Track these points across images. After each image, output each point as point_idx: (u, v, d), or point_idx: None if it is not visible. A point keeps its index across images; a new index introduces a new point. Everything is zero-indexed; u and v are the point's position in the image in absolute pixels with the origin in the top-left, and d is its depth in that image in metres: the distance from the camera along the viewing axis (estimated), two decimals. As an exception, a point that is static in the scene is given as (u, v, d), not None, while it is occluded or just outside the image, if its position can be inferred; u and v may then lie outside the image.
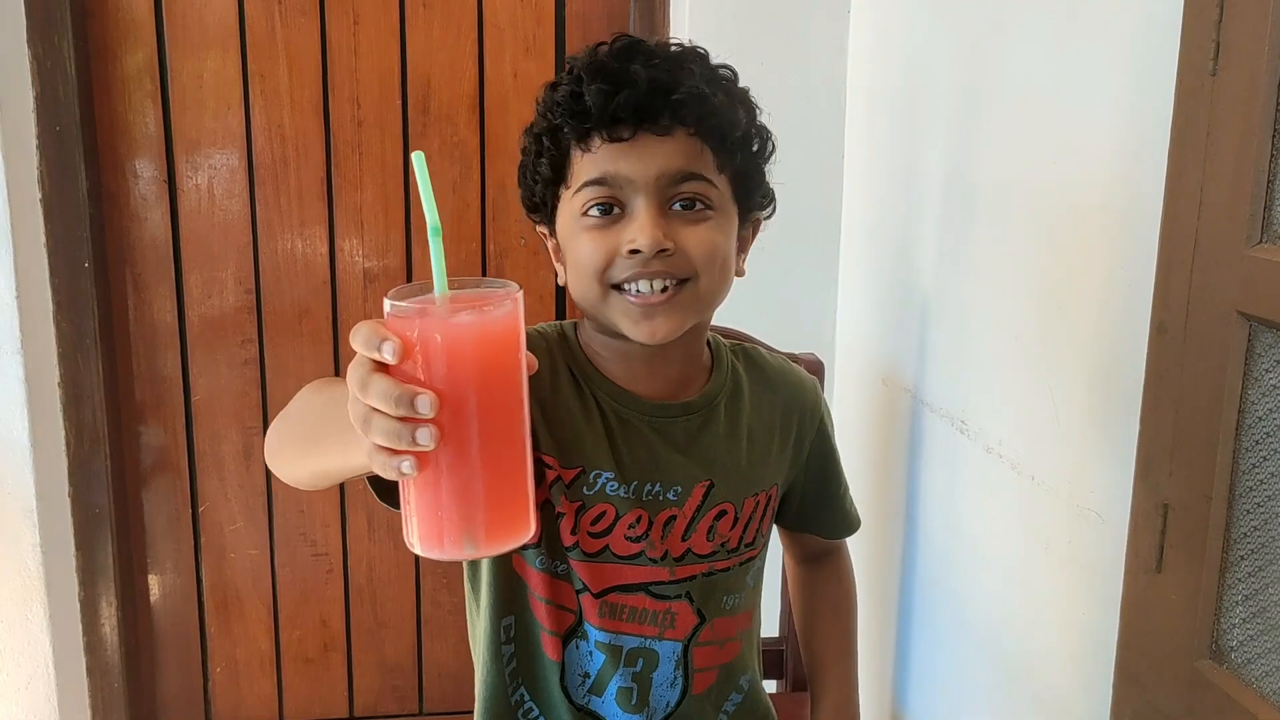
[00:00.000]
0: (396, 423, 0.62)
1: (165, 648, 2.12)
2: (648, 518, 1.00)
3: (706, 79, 0.95)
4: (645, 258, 0.91)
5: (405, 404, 0.61)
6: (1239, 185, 0.85)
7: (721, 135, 0.95)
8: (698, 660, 1.05)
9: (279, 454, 0.89)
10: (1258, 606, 0.87)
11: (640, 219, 0.92)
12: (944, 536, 1.51)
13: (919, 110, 1.57)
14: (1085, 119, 1.12)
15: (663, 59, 0.94)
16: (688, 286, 0.94)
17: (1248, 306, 0.85)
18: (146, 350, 2.01)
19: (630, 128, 0.92)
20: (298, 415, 0.88)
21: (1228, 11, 0.86)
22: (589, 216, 0.94)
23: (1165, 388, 0.94)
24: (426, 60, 1.96)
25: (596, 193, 0.93)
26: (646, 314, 0.93)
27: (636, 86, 0.91)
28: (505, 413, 0.66)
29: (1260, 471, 0.86)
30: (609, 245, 0.93)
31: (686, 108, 0.92)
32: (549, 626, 1.03)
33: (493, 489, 0.67)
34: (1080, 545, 1.15)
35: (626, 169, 0.92)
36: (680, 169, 0.93)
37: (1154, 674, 0.97)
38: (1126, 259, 1.05)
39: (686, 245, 0.93)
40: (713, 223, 0.95)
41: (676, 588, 1.03)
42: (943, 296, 1.49)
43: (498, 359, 0.65)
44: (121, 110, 1.92)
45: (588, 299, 0.96)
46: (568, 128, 0.94)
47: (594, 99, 0.91)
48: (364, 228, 2.01)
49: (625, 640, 1.03)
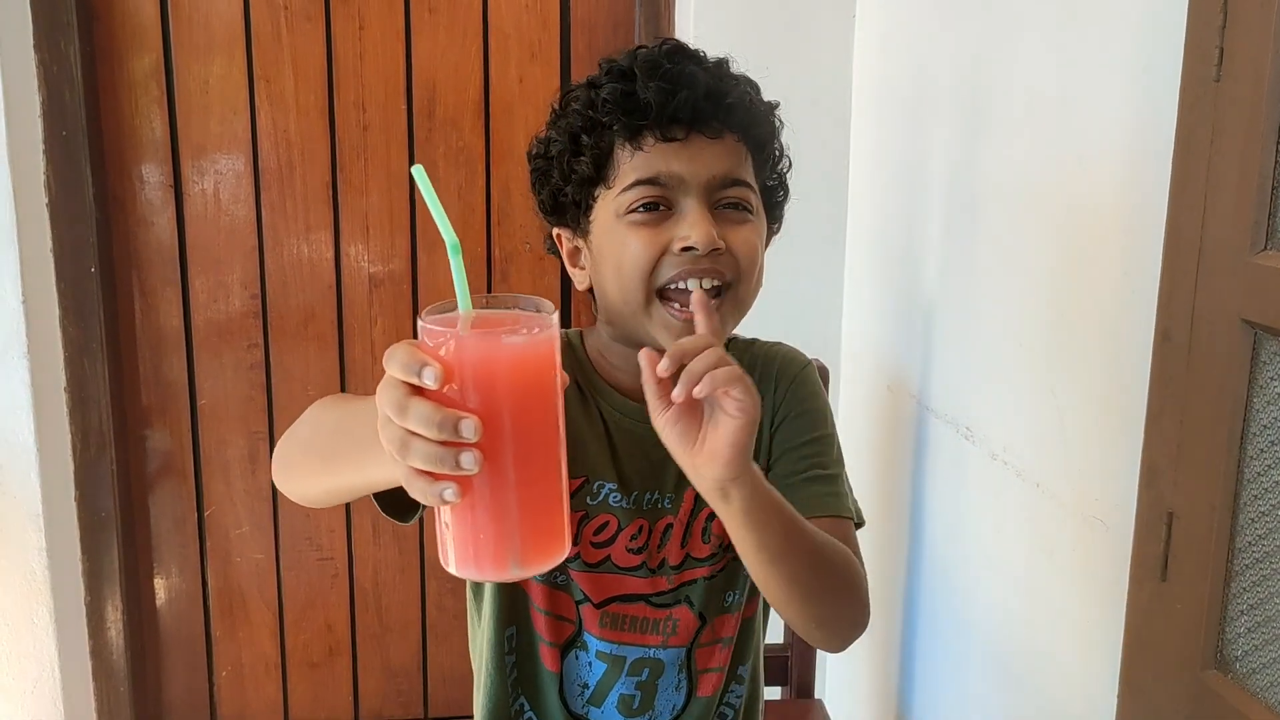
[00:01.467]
0: (438, 447, 0.61)
1: (170, 651, 2.12)
2: (648, 527, 1.00)
3: (750, 87, 0.96)
4: (697, 255, 0.90)
5: (449, 429, 0.60)
6: (1243, 191, 0.84)
7: (761, 144, 0.96)
8: (700, 662, 1.05)
9: (289, 472, 0.88)
10: (1263, 616, 0.87)
11: (692, 216, 0.90)
12: (949, 542, 1.50)
13: (924, 117, 1.57)
14: (1090, 125, 1.12)
15: (713, 65, 0.94)
16: (728, 293, 0.93)
17: (1252, 314, 0.84)
18: (152, 354, 2.01)
19: (685, 128, 0.91)
20: (309, 433, 0.87)
21: (1231, 17, 0.85)
22: (635, 213, 0.92)
23: (1170, 396, 0.93)
24: (432, 65, 1.97)
25: (647, 191, 0.92)
26: (687, 329, 0.90)
27: (695, 88, 0.90)
28: (544, 434, 0.65)
29: (1265, 480, 0.86)
30: (659, 242, 0.91)
31: (736, 113, 0.93)
32: (548, 637, 1.03)
33: (533, 510, 0.66)
34: (1085, 553, 1.14)
35: (679, 168, 0.91)
36: (729, 173, 0.93)
37: (1159, 684, 0.96)
38: (1131, 266, 1.04)
39: (734, 246, 0.92)
40: (753, 226, 0.95)
41: (675, 595, 1.02)
42: (948, 303, 1.48)
43: (538, 382, 0.65)
44: (127, 115, 1.92)
45: (627, 304, 0.93)
46: (618, 125, 0.92)
47: (653, 96, 0.90)
48: (369, 232, 2.01)
49: (629, 651, 1.02)
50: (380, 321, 2.04)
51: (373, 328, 2.05)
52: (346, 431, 0.78)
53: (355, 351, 2.05)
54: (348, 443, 0.76)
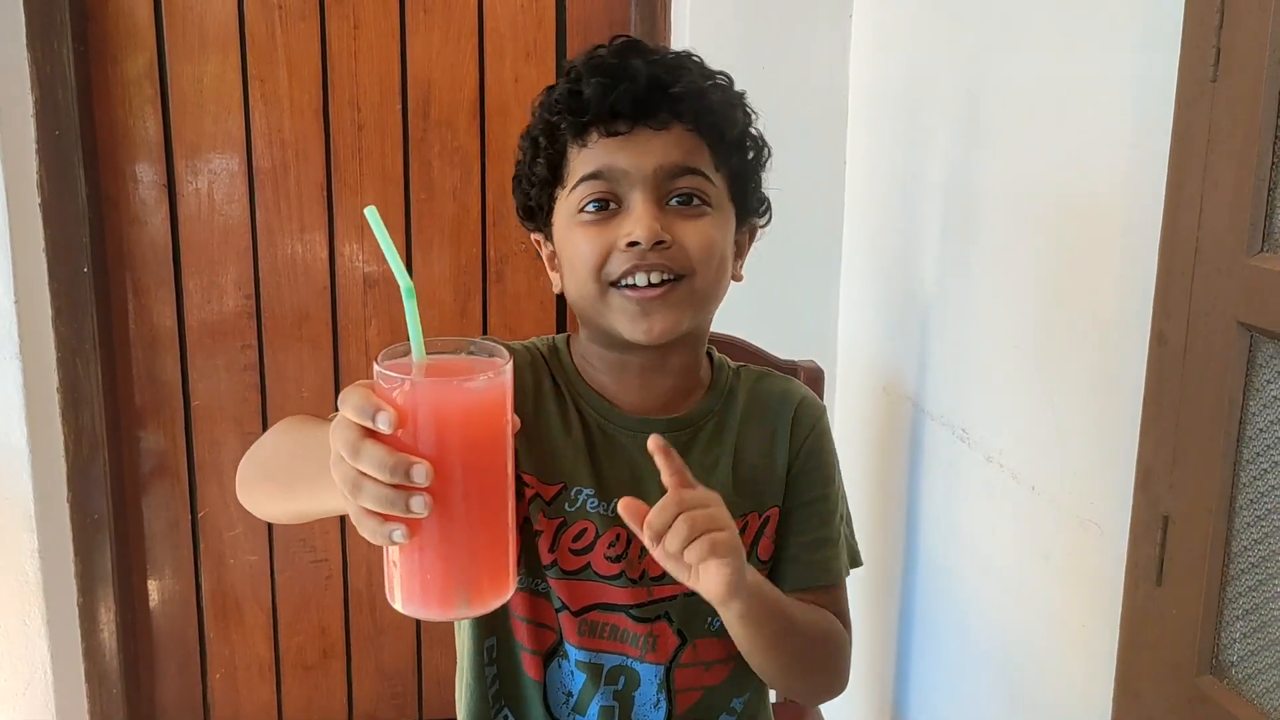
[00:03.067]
0: (389, 490, 0.62)
1: (164, 654, 2.11)
2: (626, 536, 0.98)
3: (704, 77, 0.96)
4: (642, 250, 0.90)
5: (400, 473, 0.61)
6: (1240, 193, 0.84)
7: (719, 132, 0.95)
8: (679, 682, 1.02)
9: (250, 490, 0.90)
10: (1259, 621, 0.86)
11: (637, 211, 0.91)
12: (944, 545, 1.49)
13: (921, 118, 1.56)
14: (1086, 126, 1.11)
15: (661, 57, 0.95)
16: (684, 283, 0.93)
17: (1248, 317, 0.84)
18: (146, 355, 2.00)
19: (628, 122, 0.92)
20: (268, 455, 0.88)
21: (1228, 17, 0.85)
22: (585, 213, 0.93)
23: (1165, 398, 0.93)
24: (427, 65, 1.96)
25: (593, 188, 0.93)
26: (644, 310, 0.92)
27: (635, 80, 0.91)
28: (493, 478, 0.67)
29: (1261, 484, 0.85)
30: (605, 240, 0.92)
31: (684, 103, 0.92)
32: (530, 645, 1.02)
33: (480, 552, 0.68)
34: (1080, 557, 1.13)
35: (623, 162, 0.92)
36: (677, 162, 0.92)
37: (1154, 688, 0.96)
38: (1127, 267, 1.04)
39: (684, 239, 0.92)
40: (710, 219, 0.94)
41: (655, 608, 1.00)
42: (944, 304, 1.48)
43: (489, 428, 0.66)
44: (121, 115, 1.91)
45: (585, 298, 0.95)
46: (565, 124, 0.94)
47: (592, 92, 0.91)
48: (364, 233, 2.00)
49: (605, 659, 1.01)
50: (374, 323, 2.04)
51: (367, 329, 2.04)
52: (303, 457, 0.79)
53: (350, 353, 2.04)
54: (305, 469, 0.77)
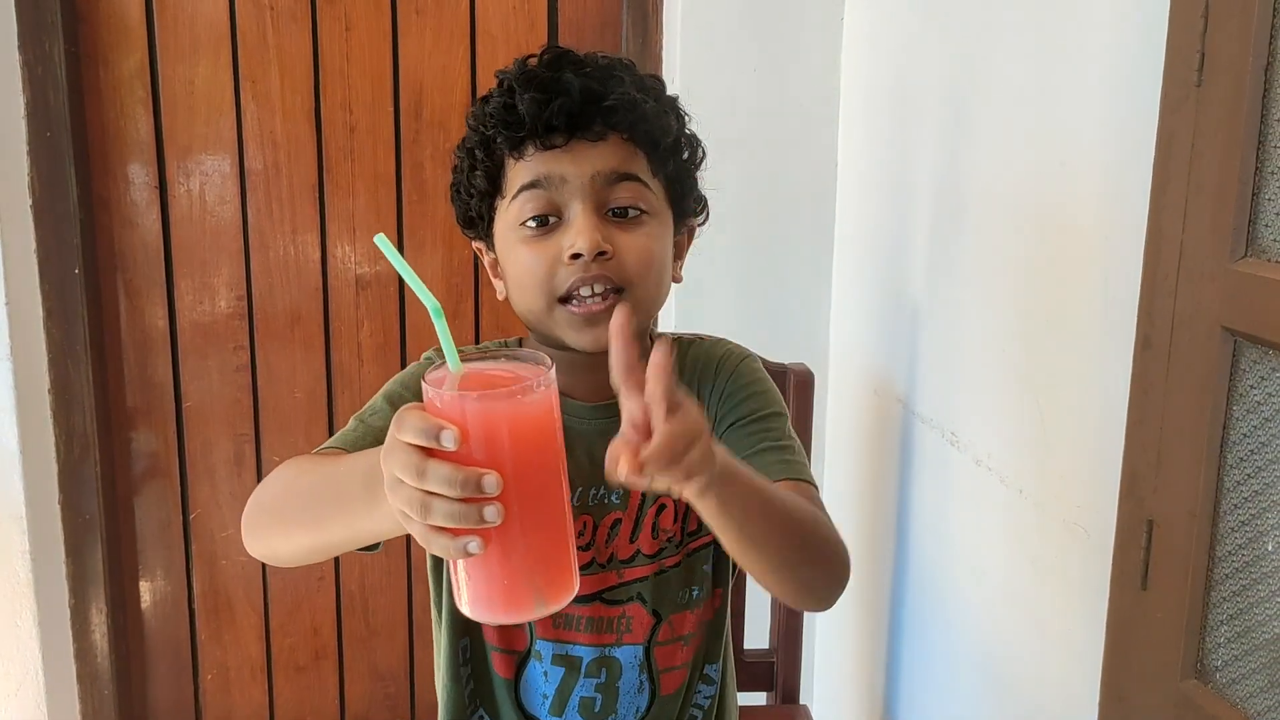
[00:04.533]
0: (460, 505, 0.64)
1: (156, 655, 2.11)
2: (592, 523, 1.00)
3: (637, 86, 0.96)
4: (585, 261, 0.91)
5: (471, 486, 0.63)
6: (1224, 197, 0.84)
7: (654, 140, 0.96)
8: (661, 661, 1.04)
9: (266, 533, 0.89)
10: (1243, 626, 0.86)
11: (578, 222, 0.92)
12: (933, 547, 1.49)
13: (912, 121, 1.56)
14: (1072, 130, 1.11)
15: (593, 68, 0.95)
16: (624, 296, 0.94)
17: (1232, 322, 0.84)
18: (137, 356, 2.00)
19: (564, 135, 0.93)
20: (284, 495, 0.88)
21: (1212, 21, 0.85)
22: (526, 228, 0.94)
23: (1150, 403, 0.93)
24: (419, 66, 1.96)
25: (532, 197, 0.93)
26: (590, 322, 0.93)
27: (570, 94, 0.92)
28: (552, 478, 0.69)
29: (1245, 489, 0.85)
30: (549, 254, 0.93)
31: (618, 114, 0.93)
32: (501, 645, 1.03)
33: (548, 552, 0.70)
34: (1067, 561, 1.13)
35: (562, 169, 0.92)
36: (615, 169, 0.93)
37: (1140, 693, 0.96)
38: (1112, 272, 1.04)
39: (623, 251, 0.93)
40: (649, 229, 0.95)
41: (626, 590, 1.02)
42: (934, 307, 1.48)
43: (546, 432, 0.68)
44: (113, 116, 1.91)
45: (532, 312, 0.96)
46: (501, 138, 0.94)
47: (527, 108, 0.92)
48: (356, 234, 2.00)
49: (583, 651, 1.02)
50: (367, 324, 2.03)
51: (359, 330, 2.04)
52: (333, 490, 0.81)
53: (342, 354, 2.04)
54: (332, 502, 0.79)
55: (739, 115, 1.80)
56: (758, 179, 1.82)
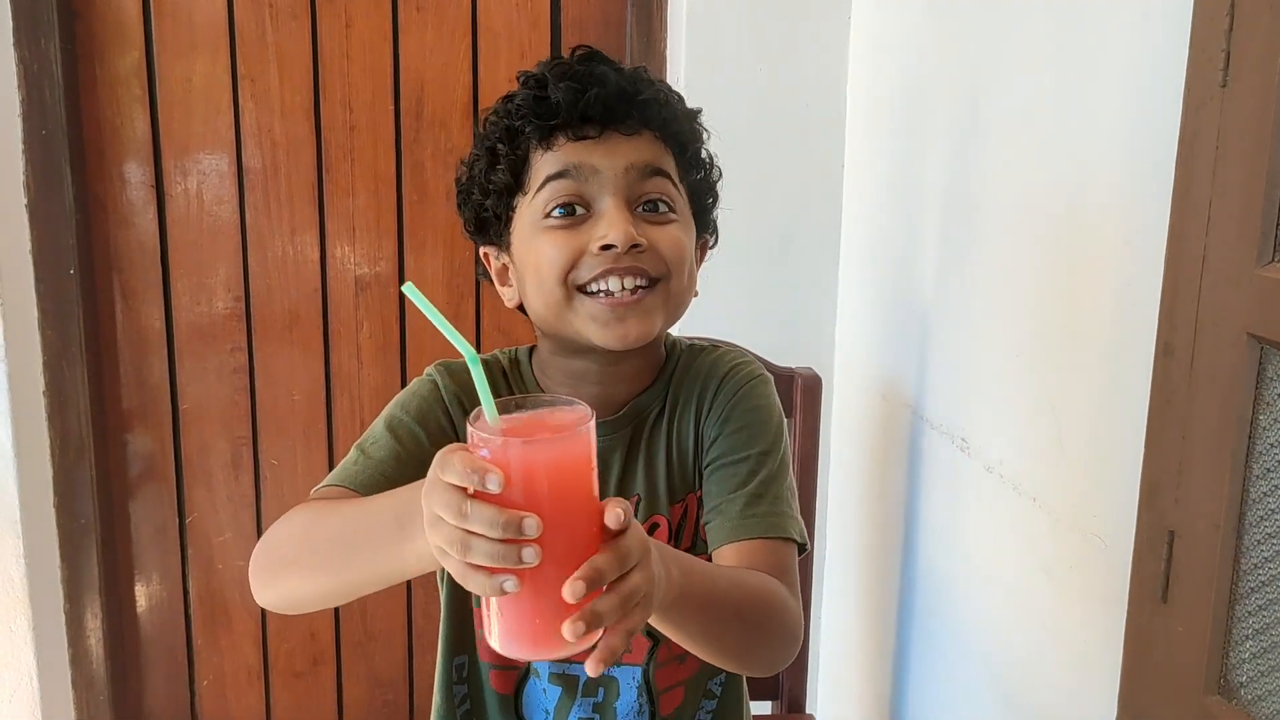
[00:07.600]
0: (500, 545, 0.64)
1: (151, 660, 2.09)
2: None
3: (667, 89, 0.96)
4: (617, 253, 0.88)
5: (512, 528, 0.64)
6: (1250, 201, 0.81)
7: (683, 143, 0.95)
8: (660, 681, 1.02)
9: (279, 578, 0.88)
10: (1268, 642, 0.84)
11: (611, 214, 0.89)
12: (944, 556, 1.47)
13: (920, 123, 1.53)
14: (1090, 131, 1.09)
15: (623, 68, 0.94)
16: (659, 287, 0.91)
17: (1259, 328, 0.81)
18: (134, 358, 1.97)
19: (598, 126, 0.91)
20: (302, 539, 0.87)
21: (1238, 20, 0.82)
22: (551, 218, 0.91)
23: (1172, 411, 0.90)
24: (420, 64, 1.93)
25: (560, 187, 0.90)
26: (618, 316, 0.90)
27: (605, 85, 0.90)
28: (588, 520, 0.70)
29: (1271, 500, 0.83)
30: (575, 244, 0.90)
31: (652, 110, 0.92)
32: (497, 662, 1.02)
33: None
34: (1083, 572, 1.11)
35: (594, 160, 0.90)
36: (649, 162, 0.92)
37: (1159, 709, 0.93)
38: (1132, 276, 1.01)
39: (657, 241, 0.90)
40: (679, 225, 0.93)
41: None
42: (944, 311, 1.45)
43: (583, 475, 0.70)
44: (109, 114, 1.89)
45: (549, 305, 0.92)
46: (530, 128, 0.92)
47: (563, 96, 0.90)
48: (356, 234, 1.98)
49: (580, 670, 1.00)
50: (366, 325, 2.01)
51: (359, 331, 2.01)
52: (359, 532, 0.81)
53: (340, 355, 2.01)
54: (363, 542, 0.80)
55: (744, 115, 1.78)
56: (763, 180, 1.79)
